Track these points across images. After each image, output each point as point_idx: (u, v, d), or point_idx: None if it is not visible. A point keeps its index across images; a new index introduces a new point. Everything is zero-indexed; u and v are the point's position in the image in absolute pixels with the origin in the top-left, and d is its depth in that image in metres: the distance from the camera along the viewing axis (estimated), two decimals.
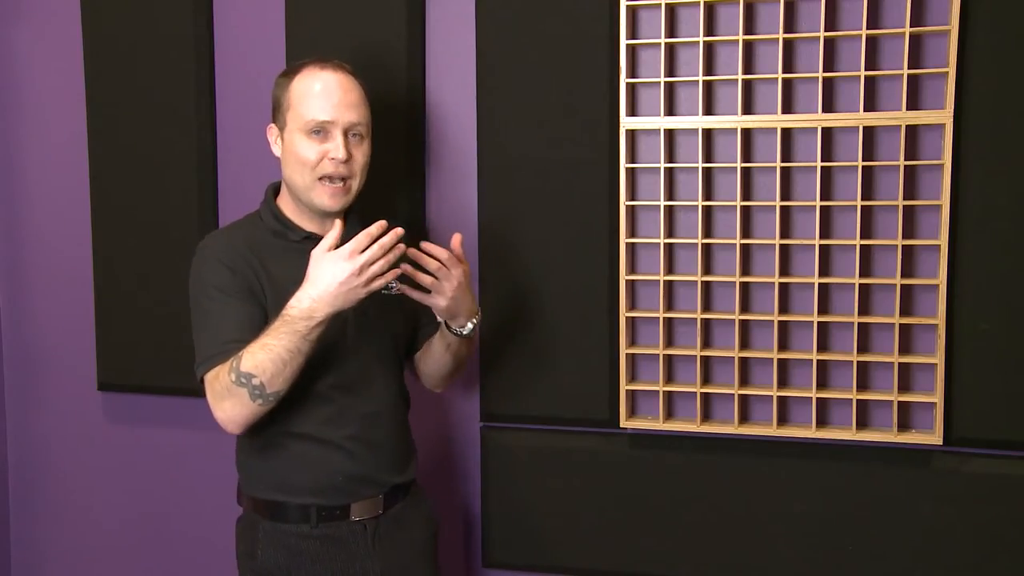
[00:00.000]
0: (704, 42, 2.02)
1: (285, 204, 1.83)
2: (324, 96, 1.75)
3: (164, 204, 2.38)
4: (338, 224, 1.67)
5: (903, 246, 1.98)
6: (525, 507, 2.22)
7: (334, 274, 1.61)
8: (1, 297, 2.64)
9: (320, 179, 1.75)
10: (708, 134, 2.08)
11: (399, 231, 1.63)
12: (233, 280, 1.73)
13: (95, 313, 2.47)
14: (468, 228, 2.24)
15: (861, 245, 1.99)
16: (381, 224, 1.63)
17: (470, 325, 1.83)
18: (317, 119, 1.74)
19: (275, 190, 1.87)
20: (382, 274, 1.63)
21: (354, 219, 1.84)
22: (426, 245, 1.72)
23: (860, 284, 2.00)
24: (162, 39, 2.35)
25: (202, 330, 1.74)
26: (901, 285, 1.98)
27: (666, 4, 2.03)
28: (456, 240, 1.76)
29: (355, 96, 1.78)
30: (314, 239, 1.75)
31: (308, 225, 1.81)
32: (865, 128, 1.98)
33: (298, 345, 1.62)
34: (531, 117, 2.13)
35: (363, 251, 1.61)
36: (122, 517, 2.59)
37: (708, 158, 2.08)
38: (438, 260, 1.71)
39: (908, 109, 1.95)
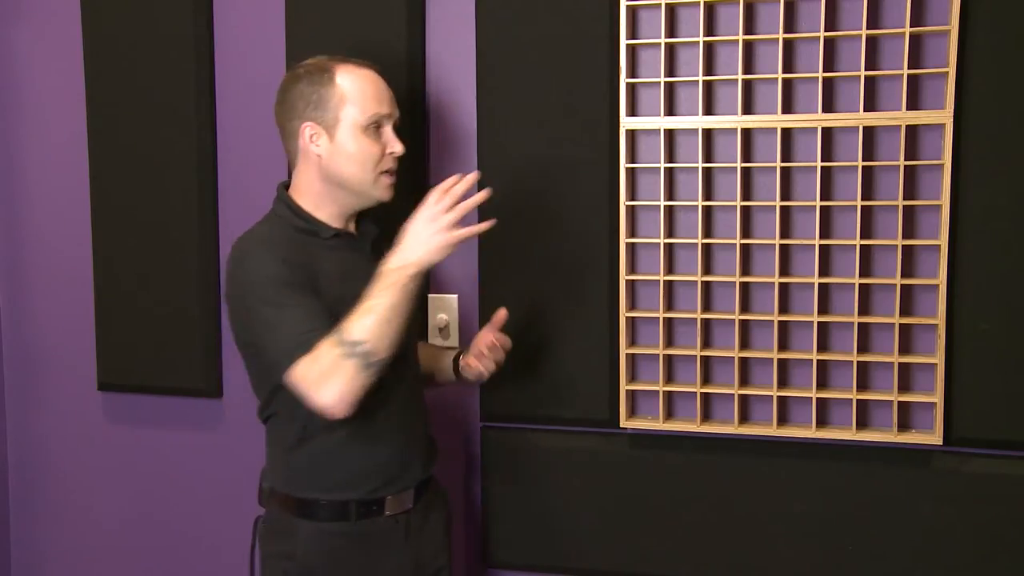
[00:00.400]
0: (704, 42, 2.02)
1: (305, 203, 1.82)
2: (376, 91, 1.78)
3: (164, 204, 2.38)
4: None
5: (903, 246, 1.98)
6: (525, 507, 2.22)
7: (415, 223, 1.69)
8: (1, 297, 2.64)
9: (381, 173, 1.79)
10: (708, 134, 2.08)
11: (471, 179, 1.73)
12: (292, 274, 1.71)
13: (95, 313, 2.47)
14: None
15: (861, 245, 1.99)
16: (456, 177, 1.72)
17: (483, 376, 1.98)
18: (380, 113, 1.78)
19: (286, 188, 1.86)
20: (464, 228, 1.70)
21: (367, 218, 1.87)
22: (501, 338, 1.93)
23: (860, 284, 2.00)
24: (162, 39, 2.35)
25: (276, 326, 1.68)
26: (901, 285, 1.98)
27: (666, 4, 2.03)
28: (503, 314, 1.95)
29: (391, 92, 1.83)
30: (343, 236, 1.81)
31: (334, 223, 1.82)
32: (865, 128, 1.98)
33: (399, 299, 1.64)
34: (531, 117, 2.13)
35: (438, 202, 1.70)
36: (122, 517, 2.58)
37: (708, 158, 2.08)
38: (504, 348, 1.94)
39: (908, 109, 1.95)
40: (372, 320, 1.63)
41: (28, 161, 2.56)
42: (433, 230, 1.67)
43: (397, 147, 1.80)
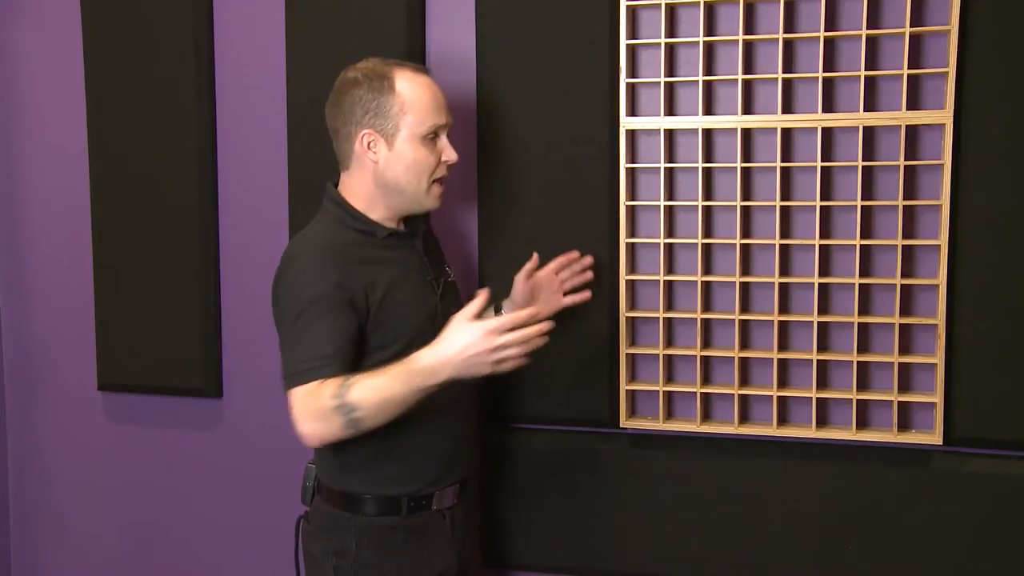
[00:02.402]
0: (704, 42, 2.02)
1: (357, 204, 1.83)
2: (435, 100, 1.80)
3: (164, 204, 2.38)
4: (482, 295, 1.66)
5: (903, 246, 1.98)
6: (525, 507, 2.22)
7: (466, 342, 1.61)
8: (1, 297, 2.64)
9: (434, 182, 1.82)
10: (708, 134, 2.08)
11: (544, 327, 1.64)
12: (334, 292, 1.70)
13: (95, 313, 2.47)
14: (468, 228, 2.24)
15: (861, 245, 1.99)
16: (532, 312, 1.67)
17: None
18: (439, 123, 1.80)
19: (335, 187, 1.87)
20: (515, 359, 1.63)
21: (416, 216, 1.89)
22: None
23: (860, 284, 2.00)
24: (162, 39, 2.35)
25: (295, 342, 1.70)
26: (901, 285, 1.98)
27: (666, 4, 2.03)
28: (535, 259, 1.99)
29: (445, 97, 1.84)
30: (396, 236, 1.84)
31: (387, 224, 1.84)
32: (865, 128, 1.98)
33: (409, 397, 1.65)
34: (531, 117, 2.13)
35: (503, 333, 1.60)
36: (122, 517, 2.58)
37: (708, 158, 2.08)
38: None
39: (908, 109, 1.95)
40: (376, 399, 1.63)
41: (28, 161, 2.56)
42: (483, 360, 1.61)
43: (452, 156, 1.82)
